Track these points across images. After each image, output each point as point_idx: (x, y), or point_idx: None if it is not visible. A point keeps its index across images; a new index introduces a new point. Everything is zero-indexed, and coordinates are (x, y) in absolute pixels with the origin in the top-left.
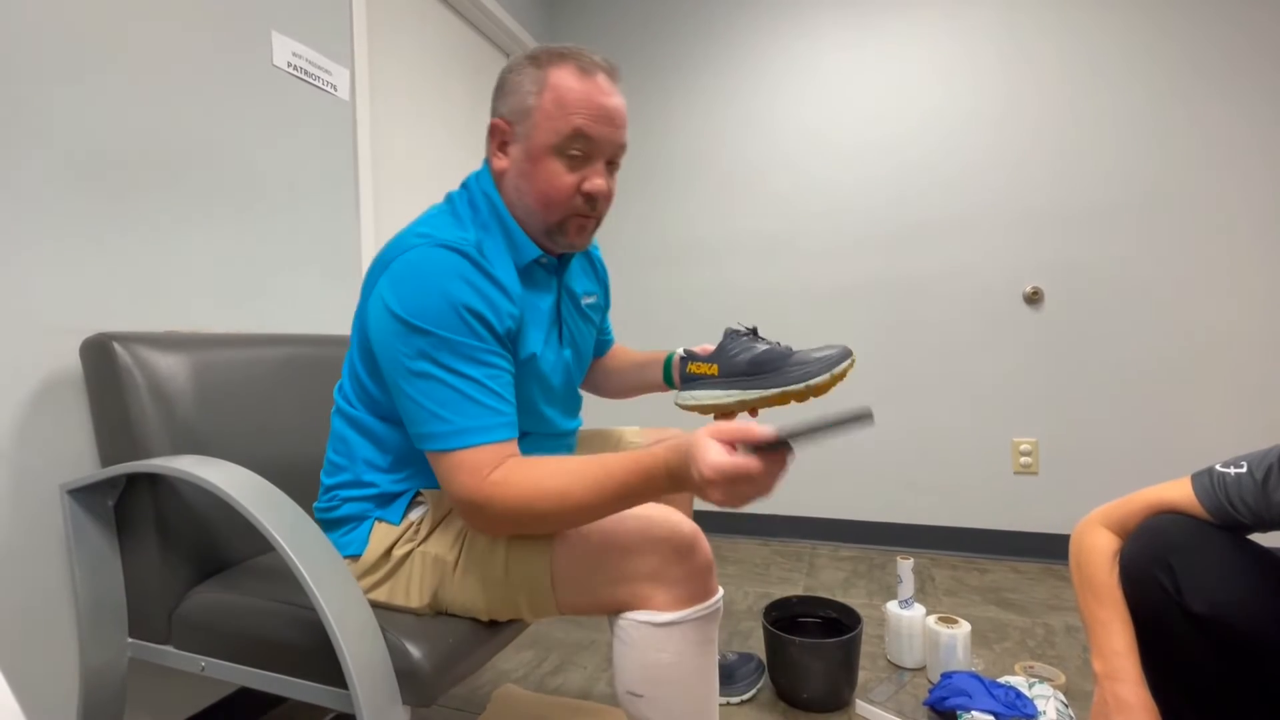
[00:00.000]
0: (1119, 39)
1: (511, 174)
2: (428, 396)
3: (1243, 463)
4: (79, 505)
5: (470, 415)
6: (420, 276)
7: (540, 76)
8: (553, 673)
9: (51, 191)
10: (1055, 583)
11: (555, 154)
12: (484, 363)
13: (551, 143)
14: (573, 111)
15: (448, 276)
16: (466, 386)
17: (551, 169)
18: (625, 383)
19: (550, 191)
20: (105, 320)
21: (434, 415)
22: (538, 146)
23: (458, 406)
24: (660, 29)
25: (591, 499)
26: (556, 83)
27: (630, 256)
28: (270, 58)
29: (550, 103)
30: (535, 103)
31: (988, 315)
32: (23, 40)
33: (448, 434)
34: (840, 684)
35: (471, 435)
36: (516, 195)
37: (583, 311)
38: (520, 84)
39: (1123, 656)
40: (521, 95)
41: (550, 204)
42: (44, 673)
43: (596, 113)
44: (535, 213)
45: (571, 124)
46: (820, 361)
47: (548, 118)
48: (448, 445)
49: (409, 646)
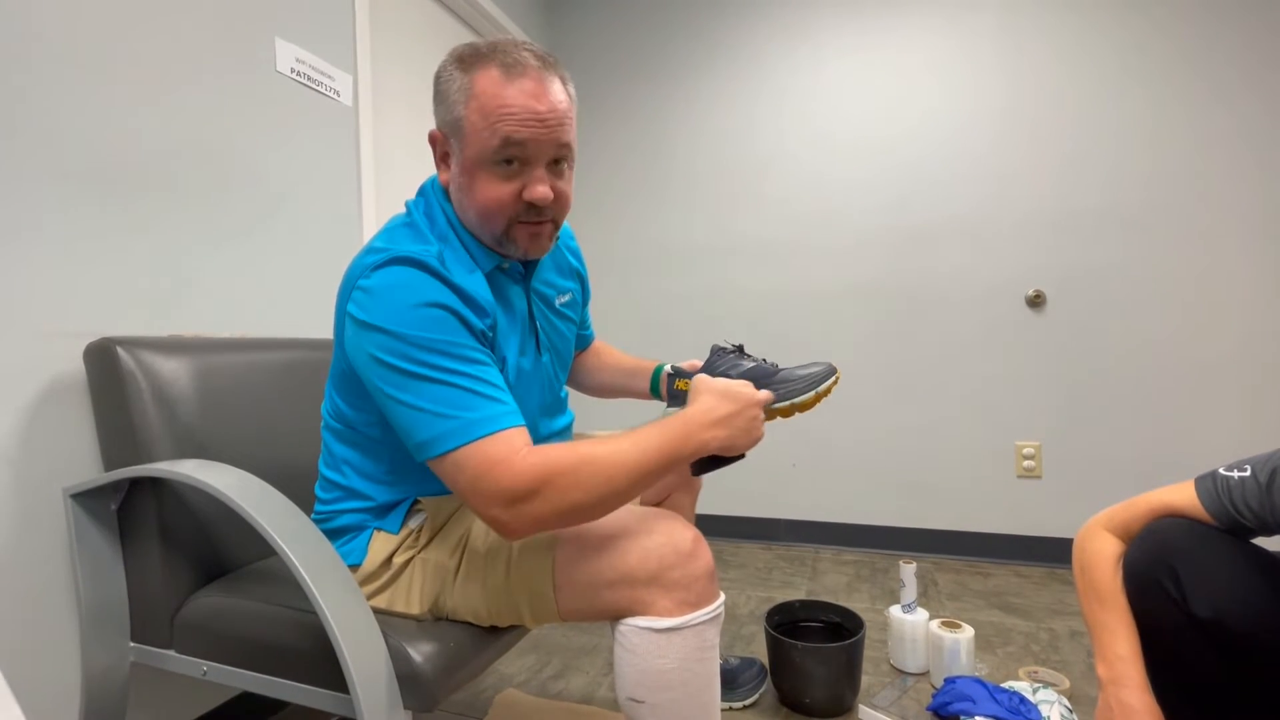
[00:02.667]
0: (1119, 42)
1: (453, 188)
2: (426, 399)
3: (1246, 466)
4: (82, 509)
5: (477, 407)
6: (386, 290)
7: (466, 84)
8: (555, 678)
9: (56, 197)
10: (1059, 587)
11: (488, 166)
12: (473, 360)
13: (482, 156)
14: (498, 120)
15: (413, 285)
16: (463, 381)
17: (486, 182)
18: (606, 384)
19: (488, 204)
20: (109, 325)
21: (438, 415)
22: (470, 160)
23: (461, 401)
24: (660, 32)
25: (633, 460)
26: (480, 90)
27: (629, 259)
28: (274, 64)
29: (475, 113)
30: (463, 113)
31: (990, 318)
32: (28, 47)
33: (458, 429)
34: (843, 689)
35: (485, 425)
36: (460, 209)
37: (558, 311)
38: (448, 92)
39: (1127, 661)
40: (450, 105)
41: (490, 216)
42: (46, 677)
43: (525, 116)
44: (479, 225)
45: (499, 134)
46: (805, 379)
47: (475, 130)
48: (462, 440)
49: (410, 651)
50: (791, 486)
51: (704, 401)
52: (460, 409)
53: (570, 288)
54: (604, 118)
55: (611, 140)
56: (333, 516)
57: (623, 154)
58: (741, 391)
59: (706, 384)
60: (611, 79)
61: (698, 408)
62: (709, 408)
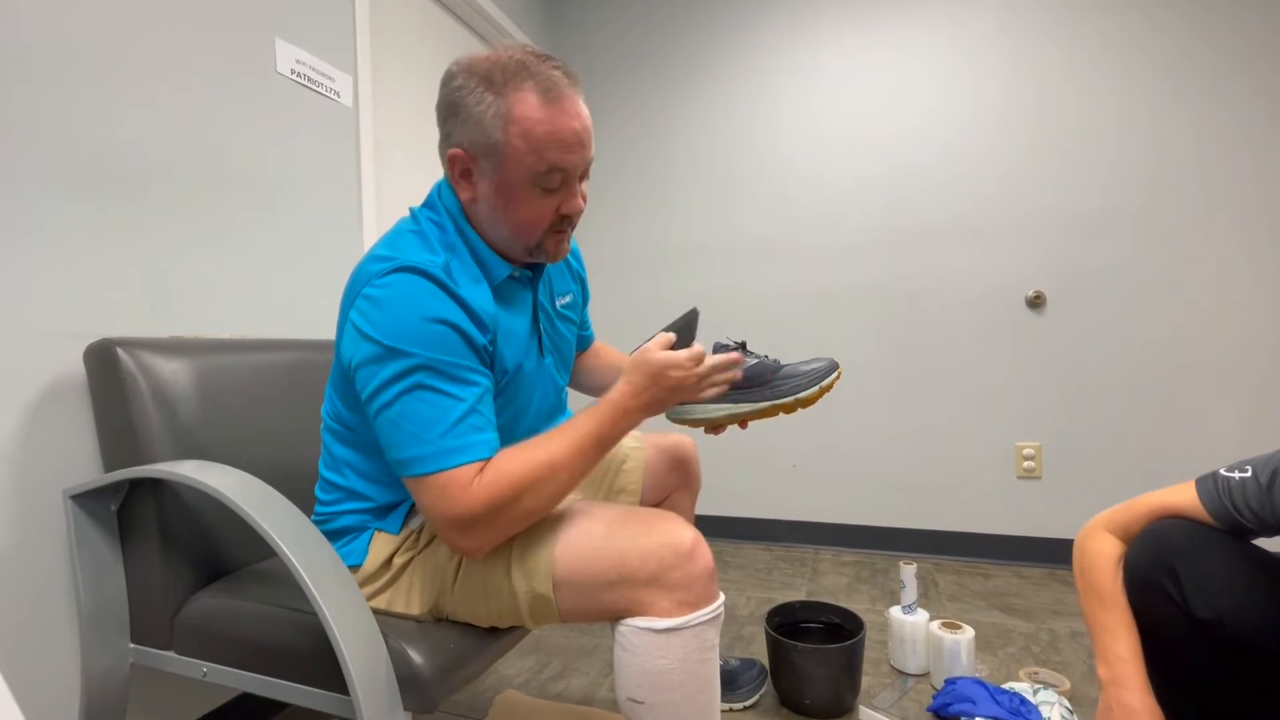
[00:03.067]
0: (1119, 43)
1: (482, 205)
2: (408, 419)
3: (1247, 466)
4: (82, 510)
5: (452, 435)
6: (390, 300)
7: (501, 107)
8: (554, 678)
9: (56, 197)
10: (1059, 588)
11: (528, 186)
12: (464, 380)
13: (524, 178)
14: (545, 148)
15: (419, 297)
16: (448, 405)
17: (527, 201)
18: (606, 384)
19: (530, 221)
20: (109, 326)
21: (415, 438)
22: (510, 182)
23: (439, 427)
24: (660, 34)
25: (575, 457)
26: (522, 115)
27: (629, 259)
28: (274, 65)
29: (518, 138)
30: (501, 138)
31: (990, 318)
32: (28, 47)
33: (428, 456)
34: (843, 690)
35: (455, 455)
36: (490, 225)
37: (560, 314)
38: (480, 115)
39: (1128, 662)
40: (483, 128)
41: (529, 232)
42: (45, 678)
43: (570, 141)
44: (512, 239)
45: (546, 161)
46: (808, 375)
47: (518, 154)
48: (429, 468)
49: (410, 652)
50: (791, 487)
51: (631, 381)
52: (437, 436)
53: (571, 289)
54: (604, 118)
55: (611, 141)
56: (333, 518)
57: (623, 154)
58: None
59: (634, 363)
60: (611, 80)
61: (625, 389)
62: (635, 388)
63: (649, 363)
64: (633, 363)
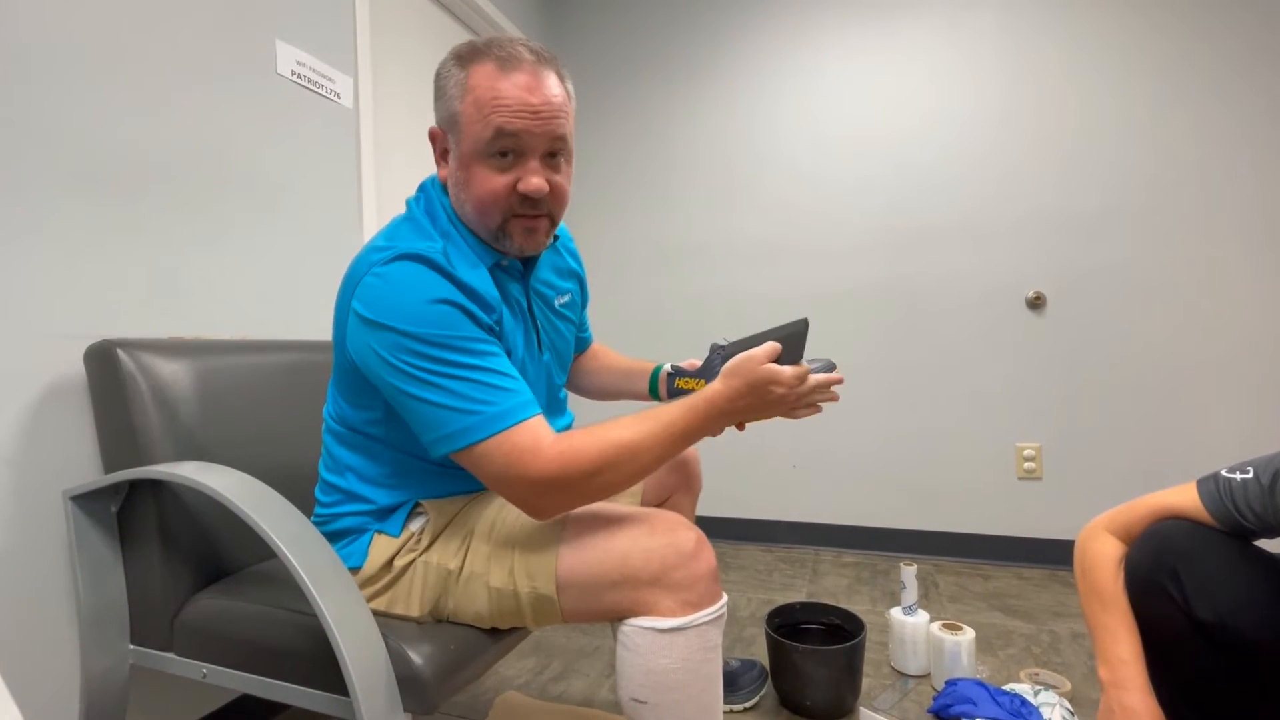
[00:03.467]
0: (1118, 43)
1: (451, 183)
2: (446, 395)
3: (1249, 468)
4: (82, 511)
5: (498, 399)
6: (393, 285)
7: (462, 79)
8: (555, 679)
9: (57, 198)
10: (1060, 589)
11: (483, 158)
12: (484, 352)
13: (477, 148)
14: (491, 111)
15: (420, 280)
16: (479, 375)
17: (481, 174)
18: (606, 386)
19: (484, 196)
20: (109, 326)
21: (460, 411)
22: (466, 153)
23: (481, 395)
24: (661, 35)
25: (660, 447)
26: (475, 83)
27: (630, 260)
28: (274, 66)
29: (470, 105)
30: (459, 108)
31: (990, 319)
32: (29, 48)
33: (482, 423)
34: (844, 691)
35: (508, 416)
36: (458, 204)
37: (558, 312)
38: (446, 88)
39: (1129, 664)
40: (448, 100)
41: (486, 209)
42: (45, 679)
43: (519, 108)
44: (476, 220)
45: (492, 125)
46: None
47: (470, 122)
48: (487, 432)
49: (410, 653)
50: (792, 488)
51: (731, 385)
52: (481, 403)
53: (569, 289)
54: (603, 119)
55: (610, 141)
56: (333, 519)
57: (622, 155)
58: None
59: (736, 367)
60: (611, 82)
61: (724, 391)
62: (733, 393)
63: (754, 372)
64: (735, 368)
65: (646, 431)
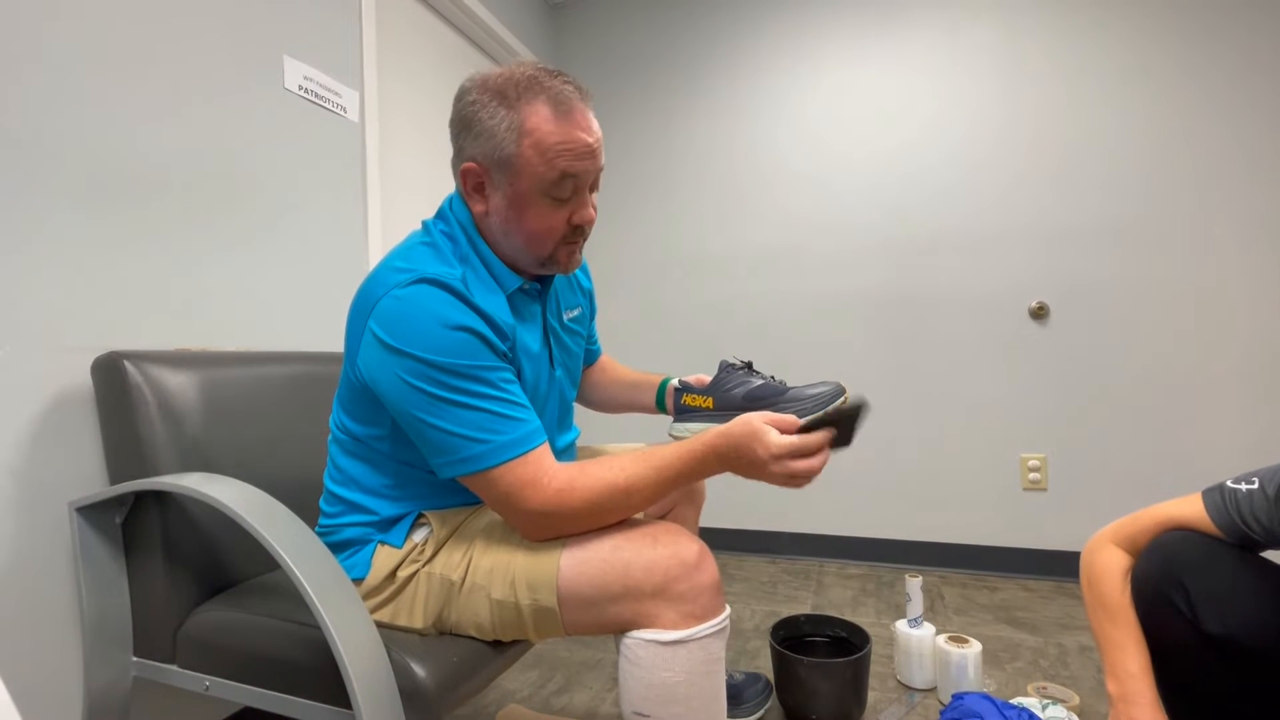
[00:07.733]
0: (1118, 56)
1: (495, 218)
2: (457, 423)
3: (1254, 478)
4: (87, 523)
5: (507, 429)
6: (412, 310)
7: (514, 120)
8: (558, 692)
9: (65, 211)
10: (1067, 601)
11: (541, 197)
12: (498, 382)
13: (537, 188)
14: (556, 156)
15: (439, 306)
16: (491, 405)
17: (540, 212)
18: (613, 398)
19: (542, 232)
20: (116, 338)
21: (470, 439)
22: (523, 193)
23: (492, 425)
24: (664, 49)
25: (652, 489)
26: (534, 127)
27: (635, 270)
28: (282, 81)
29: (531, 149)
30: (514, 150)
31: (994, 330)
32: (39, 62)
33: (489, 452)
34: (849, 704)
35: (515, 447)
36: (503, 236)
37: (567, 327)
38: (493, 129)
39: (1138, 678)
40: (496, 141)
41: (541, 242)
42: (48, 690)
43: (581, 151)
44: (525, 250)
45: (557, 169)
46: (814, 399)
47: (530, 165)
48: (494, 461)
49: (413, 666)
50: (796, 499)
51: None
52: (491, 432)
53: (579, 303)
54: (608, 132)
55: (616, 154)
56: (336, 530)
57: (626, 166)
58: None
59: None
60: (614, 94)
61: (716, 444)
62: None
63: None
64: (745, 417)
65: (640, 475)
